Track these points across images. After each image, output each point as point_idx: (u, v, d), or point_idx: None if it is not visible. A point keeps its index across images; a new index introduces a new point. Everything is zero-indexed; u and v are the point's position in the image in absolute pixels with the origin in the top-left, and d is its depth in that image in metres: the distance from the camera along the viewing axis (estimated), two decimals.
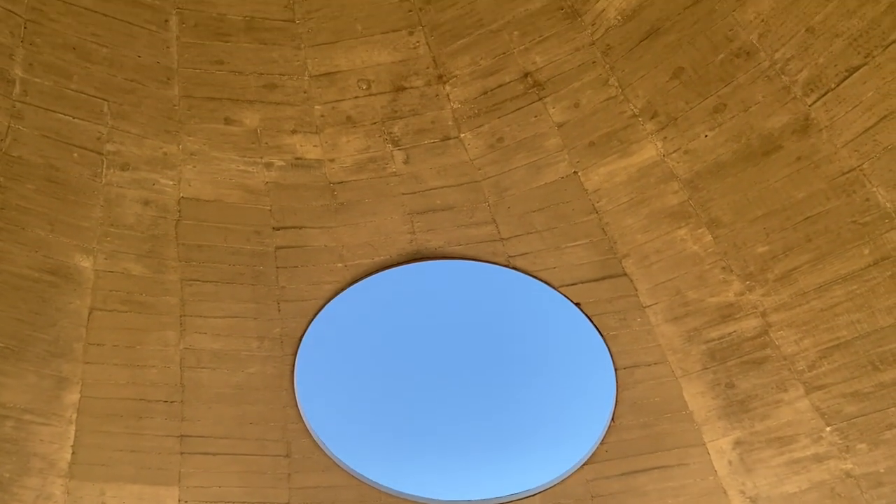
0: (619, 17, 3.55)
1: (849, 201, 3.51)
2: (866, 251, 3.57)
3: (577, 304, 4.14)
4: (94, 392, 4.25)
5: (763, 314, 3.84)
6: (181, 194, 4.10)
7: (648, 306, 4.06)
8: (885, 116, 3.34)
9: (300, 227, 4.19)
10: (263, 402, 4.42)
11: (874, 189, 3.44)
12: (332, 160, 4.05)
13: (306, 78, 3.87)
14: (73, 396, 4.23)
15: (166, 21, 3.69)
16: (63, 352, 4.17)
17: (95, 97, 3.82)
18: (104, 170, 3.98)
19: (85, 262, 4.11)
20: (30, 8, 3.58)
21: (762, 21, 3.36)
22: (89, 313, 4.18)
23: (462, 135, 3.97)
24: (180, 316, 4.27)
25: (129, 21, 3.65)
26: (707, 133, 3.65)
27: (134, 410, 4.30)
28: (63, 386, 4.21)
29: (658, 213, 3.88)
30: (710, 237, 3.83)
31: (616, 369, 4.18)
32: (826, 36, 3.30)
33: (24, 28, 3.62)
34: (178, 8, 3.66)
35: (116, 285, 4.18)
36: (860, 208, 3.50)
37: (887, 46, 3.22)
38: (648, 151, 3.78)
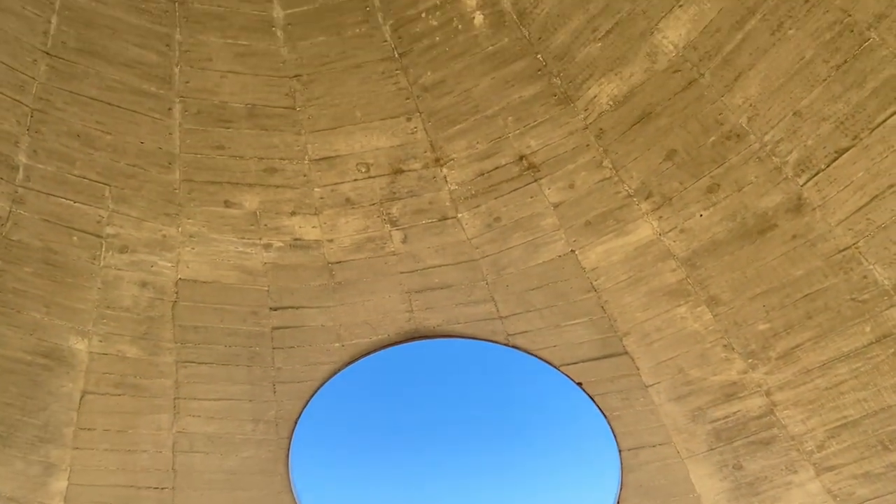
0: (611, 103, 3.65)
1: (847, 279, 3.51)
2: (867, 328, 3.55)
3: (579, 384, 4.07)
4: (82, 479, 4.12)
5: (768, 393, 3.78)
6: (179, 276, 4.09)
7: (651, 385, 3.99)
8: (876, 196, 3.38)
9: (297, 308, 4.16)
10: (257, 488, 4.28)
11: (871, 267, 3.45)
12: (330, 240, 4.07)
13: (306, 162, 3.93)
14: (60, 484, 4.10)
15: (170, 109, 3.79)
16: (52, 437, 4.06)
17: (97, 182, 3.87)
18: (103, 252, 3.99)
19: (79, 345, 4.06)
20: (37, 98, 3.67)
21: (750, 105, 3.45)
22: (81, 397, 4.10)
23: (459, 215, 4.01)
24: (174, 398, 4.19)
25: (134, 109, 3.74)
26: (702, 212, 3.69)
27: (123, 498, 4.15)
28: (50, 472, 4.08)
29: (657, 292, 3.87)
30: (709, 315, 3.81)
31: (620, 450, 4.08)
32: (813, 119, 3.38)
33: (31, 117, 3.70)
34: (182, 97, 3.76)
35: (110, 368, 4.11)
36: (858, 286, 3.50)
37: (874, 129, 3.29)
38: (644, 230, 3.80)
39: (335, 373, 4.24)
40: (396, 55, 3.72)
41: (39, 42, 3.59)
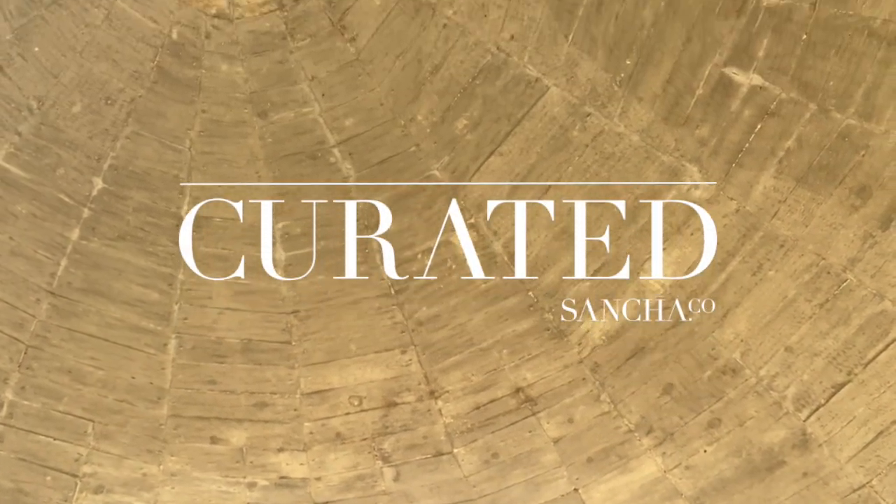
0: (604, 338, 3.72)
1: None
2: None
3: None
4: None
5: None
6: None
7: None
8: (881, 432, 3.32)
9: None
10: None
11: None
12: (318, 479, 3.88)
13: (298, 396, 3.89)
14: None
15: (165, 345, 3.82)
16: None
17: (82, 418, 3.76)
18: (76, 493, 3.75)
19: None
20: (34, 335, 3.70)
21: (742, 341, 3.51)
22: None
23: (455, 450, 3.87)
24: None
25: (129, 345, 3.77)
26: (706, 448, 3.58)
27: None
28: None
29: None
30: None
31: None
32: (805, 355, 3.42)
33: (25, 353, 3.70)
34: (178, 333, 3.82)
35: None
36: None
37: (867, 364, 3.33)
38: (648, 467, 3.66)
39: None
40: (393, 292, 3.87)
41: (45, 282, 3.71)
